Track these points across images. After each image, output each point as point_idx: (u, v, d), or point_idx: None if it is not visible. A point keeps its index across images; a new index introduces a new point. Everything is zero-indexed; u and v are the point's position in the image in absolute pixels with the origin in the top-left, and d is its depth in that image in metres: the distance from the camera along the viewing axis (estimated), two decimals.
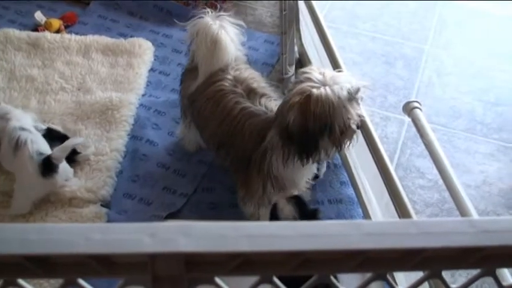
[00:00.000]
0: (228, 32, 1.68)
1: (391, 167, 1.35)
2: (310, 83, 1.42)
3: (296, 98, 1.42)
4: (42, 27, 2.55)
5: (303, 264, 0.50)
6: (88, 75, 2.30)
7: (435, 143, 1.30)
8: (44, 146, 1.80)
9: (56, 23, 2.56)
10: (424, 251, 0.50)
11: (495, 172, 2.05)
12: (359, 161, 1.88)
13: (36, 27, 2.57)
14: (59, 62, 2.35)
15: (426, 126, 1.35)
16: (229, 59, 1.70)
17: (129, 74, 2.32)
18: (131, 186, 1.92)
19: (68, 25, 2.63)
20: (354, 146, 1.58)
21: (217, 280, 0.52)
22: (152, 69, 2.43)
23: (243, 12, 2.79)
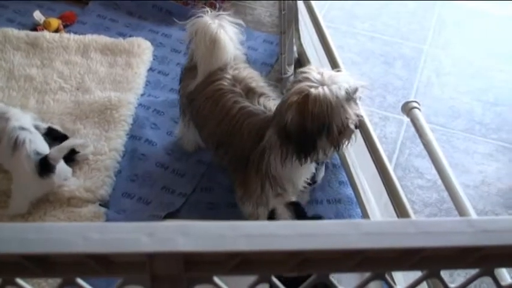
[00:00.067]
0: (227, 31, 1.68)
1: (390, 167, 1.35)
2: (309, 82, 1.42)
3: (294, 98, 1.42)
4: (41, 27, 2.55)
5: (301, 263, 0.50)
6: (87, 75, 2.30)
7: (434, 143, 1.30)
8: (43, 146, 1.79)
9: (55, 22, 2.56)
10: (422, 250, 0.50)
11: (494, 172, 2.06)
12: (358, 161, 1.88)
13: (35, 27, 2.57)
14: (58, 61, 2.35)
15: (425, 126, 1.35)
16: (228, 58, 1.69)
17: (128, 73, 2.32)
18: (130, 186, 1.92)
19: (67, 24, 2.63)
20: (353, 146, 1.57)
21: (216, 279, 0.52)
22: (151, 69, 2.42)
23: (242, 11, 2.79)
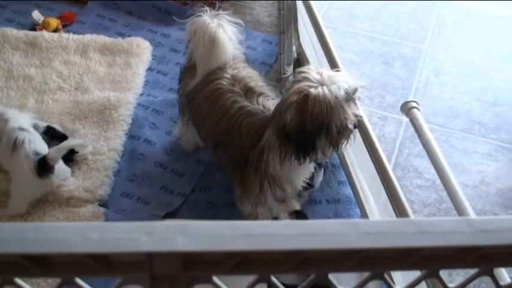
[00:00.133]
0: (226, 31, 1.68)
1: (389, 167, 1.34)
2: (308, 82, 1.42)
3: (294, 98, 1.42)
4: (40, 27, 2.55)
5: (300, 263, 0.50)
6: (86, 75, 2.30)
7: (433, 143, 1.30)
8: (42, 146, 1.79)
9: (54, 22, 2.56)
10: (421, 250, 0.50)
11: (493, 172, 2.06)
12: (357, 160, 1.88)
13: (34, 27, 2.57)
14: (57, 61, 2.35)
15: (424, 126, 1.35)
16: (227, 58, 1.69)
17: (127, 73, 2.32)
18: (129, 186, 1.92)
19: (66, 24, 2.63)
20: (352, 146, 1.58)
21: (215, 279, 0.52)
22: (150, 69, 2.42)
23: (241, 11, 2.79)
